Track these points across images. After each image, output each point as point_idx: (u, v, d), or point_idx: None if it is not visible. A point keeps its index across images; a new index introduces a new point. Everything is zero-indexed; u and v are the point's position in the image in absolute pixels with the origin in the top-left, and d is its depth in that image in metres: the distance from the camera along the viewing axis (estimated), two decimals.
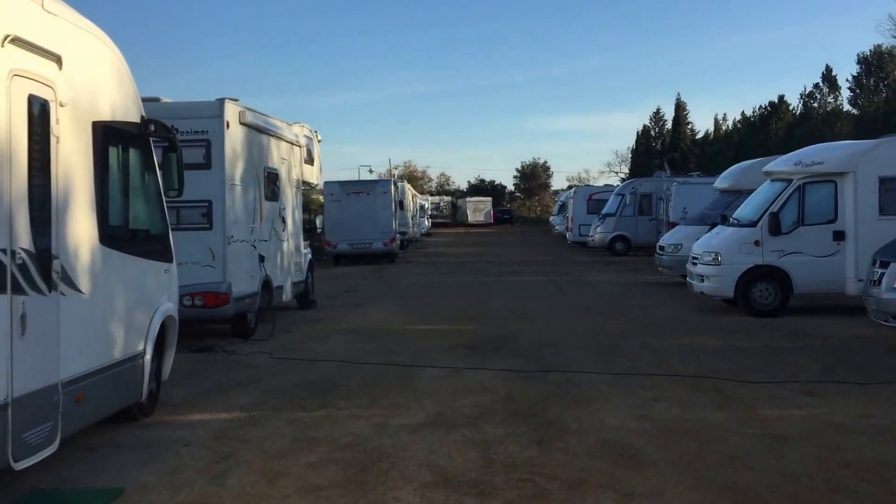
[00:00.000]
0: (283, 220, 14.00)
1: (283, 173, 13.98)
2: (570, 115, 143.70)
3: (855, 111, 41.97)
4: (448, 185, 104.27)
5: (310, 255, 16.51)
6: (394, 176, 62.75)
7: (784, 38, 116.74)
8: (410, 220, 43.19)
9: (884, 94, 41.47)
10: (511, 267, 27.83)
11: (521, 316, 14.93)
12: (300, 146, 15.33)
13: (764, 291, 14.11)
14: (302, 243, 15.60)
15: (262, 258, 12.57)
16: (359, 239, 29.76)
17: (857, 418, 7.15)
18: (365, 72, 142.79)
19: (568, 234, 40.32)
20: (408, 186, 44.55)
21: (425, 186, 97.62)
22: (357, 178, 44.42)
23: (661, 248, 20.42)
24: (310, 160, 16.11)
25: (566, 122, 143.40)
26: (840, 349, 10.74)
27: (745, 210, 15.16)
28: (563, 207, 51.29)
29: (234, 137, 11.64)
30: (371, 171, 67.61)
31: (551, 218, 60.45)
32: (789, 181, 14.26)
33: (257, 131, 12.61)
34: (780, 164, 14.97)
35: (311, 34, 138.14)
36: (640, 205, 33.12)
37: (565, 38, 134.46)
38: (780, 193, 14.16)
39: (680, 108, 73.61)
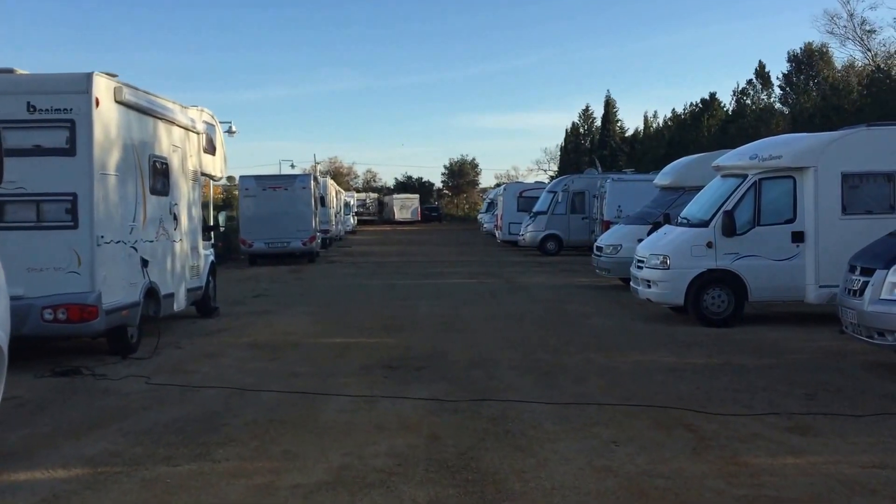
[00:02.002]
0: (176, 218, 12.08)
1: (175, 163, 12.05)
2: (499, 113, 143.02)
3: (786, 110, 41.59)
4: (375, 181, 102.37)
5: (211, 257, 14.59)
6: (317, 171, 60.64)
7: (717, 36, 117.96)
8: (333, 217, 41.24)
9: (813, 93, 41.21)
10: (439, 267, 26.23)
11: (449, 325, 13.31)
12: (198, 133, 13.39)
13: (717, 299, 12.78)
14: (201, 244, 13.66)
15: (145, 262, 10.65)
16: (276, 237, 27.88)
17: (868, 469, 5.71)
18: (291, 67, 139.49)
19: (497, 233, 38.97)
20: (330, 182, 42.52)
21: (352, 183, 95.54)
22: (278, 174, 42.20)
23: (599, 248, 19.07)
24: (211, 149, 14.18)
25: (495, 119, 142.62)
26: (813, 368, 9.40)
27: (694, 208, 13.83)
28: (491, 205, 50.09)
29: (107, 118, 9.70)
30: (293, 167, 65.25)
31: (479, 216, 59.24)
32: (744, 177, 12.96)
33: (140, 112, 10.68)
34: (732, 157, 13.66)
35: (233, 27, 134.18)
36: (573, 203, 31.92)
37: (495, 36, 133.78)
38: (735, 190, 12.85)
39: (609, 105, 73.12)
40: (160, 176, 11.43)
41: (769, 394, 8.12)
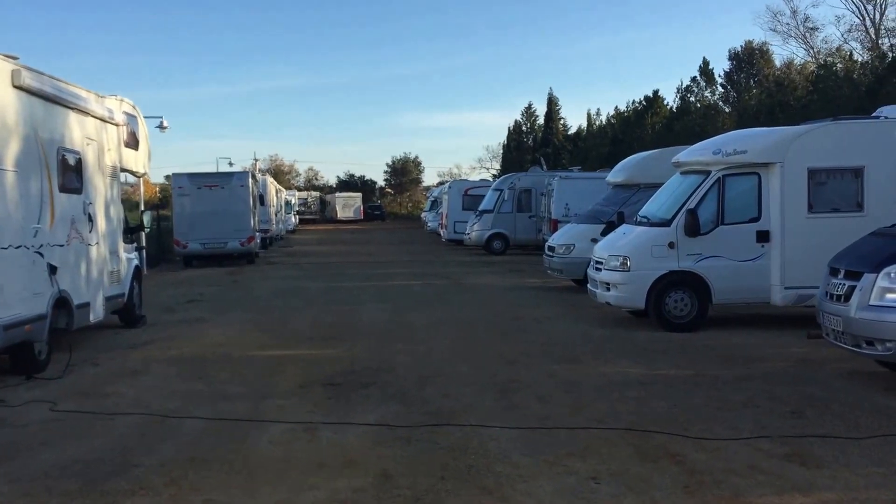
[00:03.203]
0: (91, 219, 10.88)
1: (89, 158, 10.85)
2: (441, 112, 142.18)
3: (727, 108, 41.54)
4: (317, 180, 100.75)
5: (135, 261, 13.37)
6: (257, 169, 59.06)
7: (661, 35, 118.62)
8: (273, 216, 39.90)
9: (754, 90, 41.23)
10: (383, 268, 25.23)
11: (396, 333, 12.36)
12: (118, 125, 12.18)
13: (679, 302, 12.06)
14: (122, 246, 12.45)
15: (53, 269, 9.46)
16: (212, 238, 26.59)
17: None
18: (228, 64, 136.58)
19: (442, 232, 38.06)
20: (270, 180, 41.14)
21: (293, 181, 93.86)
22: (214, 171, 40.69)
23: (551, 248, 18.28)
24: (133, 143, 12.96)
25: (438, 118, 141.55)
26: (791, 379, 8.70)
27: (654, 207, 13.10)
28: (435, 203, 49.21)
29: (2, 104, 8.48)
30: (231, 165, 63.40)
31: (423, 214, 58.31)
32: (706, 173, 12.27)
33: (45, 100, 9.48)
34: (694, 153, 12.96)
35: (166, 24, 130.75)
36: (519, 201, 31.15)
37: (437, 34, 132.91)
38: (697, 187, 12.14)
39: (552, 103, 72.76)
40: (72, 172, 10.23)
41: (752, 411, 7.36)
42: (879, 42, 37.15)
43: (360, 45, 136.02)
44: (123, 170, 12.75)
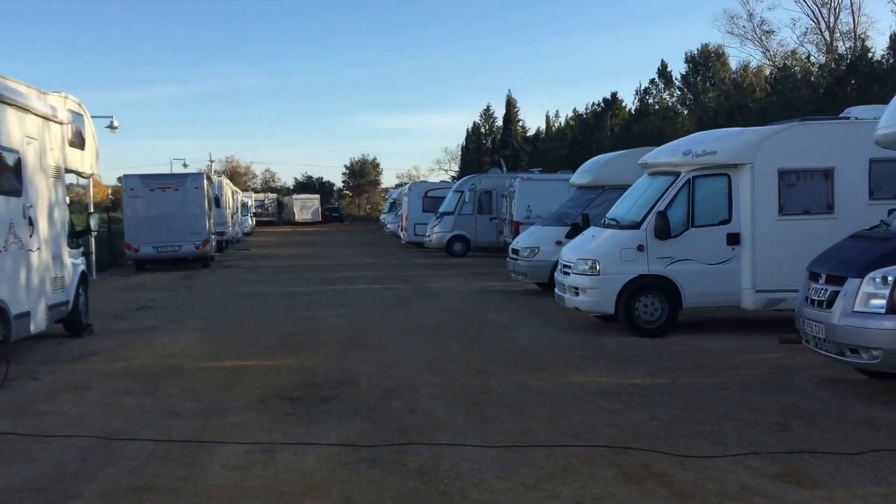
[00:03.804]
0: (32, 223, 10.22)
1: (29, 158, 10.19)
2: (399, 113, 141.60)
3: (685, 110, 41.66)
4: (274, 181, 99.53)
5: (82, 267, 12.69)
6: (212, 170, 58.03)
7: (620, 36, 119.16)
8: (230, 218, 39.09)
9: (711, 94, 41.43)
10: (342, 272, 24.67)
11: (357, 341, 11.86)
12: (62, 123, 11.51)
13: (650, 306, 11.75)
14: (67, 252, 11.78)
15: None
16: (166, 241, 25.81)
17: None
18: (182, 64, 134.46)
19: (402, 234, 37.57)
20: (226, 181, 40.28)
21: (249, 183, 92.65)
22: (167, 173, 39.73)
23: (515, 251, 17.91)
24: (79, 143, 12.29)
25: (396, 119, 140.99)
26: (770, 388, 8.39)
27: (622, 209, 12.77)
28: (394, 205, 48.74)
29: None
30: (186, 166, 62.14)
31: (382, 216, 57.77)
32: (676, 174, 11.97)
33: None
34: (663, 154, 12.67)
35: (118, 23, 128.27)
36: (480, 202, 30.78)
37: (395, 35, 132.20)
38: (667, 189, 11.84)
39: (511, 105, 72.54)
40: (10, 173, 9.57)
41: (735, 424, 7.02)
42: (834, 45, 37.52)
43: (318, 46, 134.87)
44: (69, 170, 12.09)
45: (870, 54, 25.28)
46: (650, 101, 42.80)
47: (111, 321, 14.36)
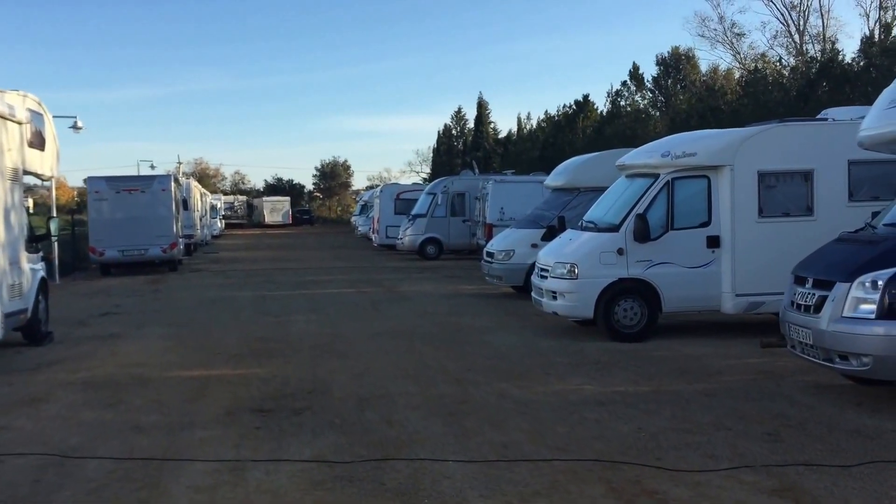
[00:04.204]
0: None
1: None
2: (371, 115, 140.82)
3: (656, 113, 41.70)
4: (244, 183, 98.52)
5: (41, 273, 12.21)
6: (180, 172, 57.23)
7: (591, 39, 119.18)
8: (198, 221, 38.45)
9: (681, 97, 41.54)
10: (313, 275, 24.26)
11: (330, 348, 11.51)
12: (20, 122, 11.04)
13: (629, 311, 11.52)
14: (24, 257, 11.30)
15: None
16: (132, 244, 25.25)
17: None
18: (153, 66, 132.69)
19: (374, 237, 37.16)
20: (194, 184, 39.61)
21: (219, 185, 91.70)
22: (134, 175, 39.02)
23: (490, 254, 17.63)
24: (39, 143, 11.82)
25: (367, 121, 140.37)
26: (756, 395, 8.17)
27: (600, 211, 12.54)
28: (365, 207, 48.31)
29: None
30: (153, 168, 61.19)
31: (353, 218, 57.31)
32: (654, 176, 11.76)
33: None
34: (641, 155, 12.45)
35: (86, 23, 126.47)
36: (453, 205, 30.46)
37: (365, 38, 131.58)
38: (646, 191, 11.62)
39: (482, 107, 72.46)
40: None
41: (724, 434, 6.78)
42: (804, 48, 37.75)
43: (289, 48, 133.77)
44: (27, 172, 11.62)
45: (840, 56, 25.40)
46: (622, 103, 42.81)
47: (73, 328, 13.88)
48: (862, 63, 23.92)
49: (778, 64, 32.79)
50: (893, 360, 6.88)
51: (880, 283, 6.93)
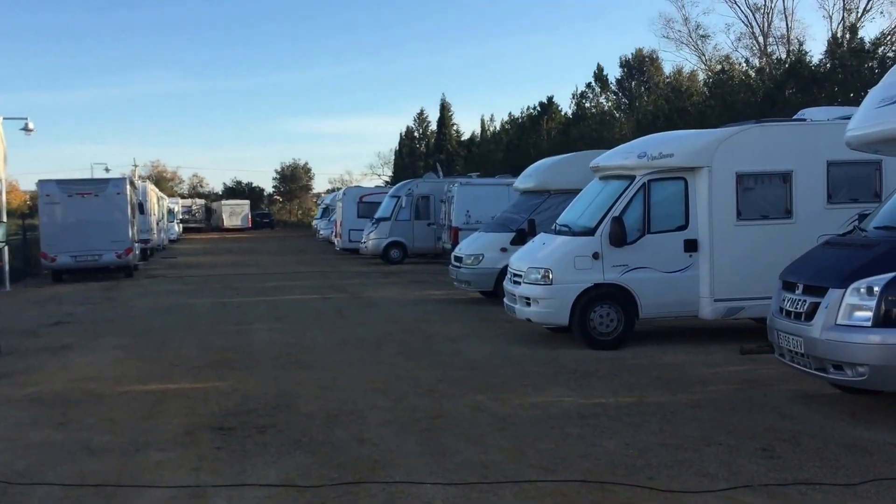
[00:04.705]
0: None
1: None
2: (331, 118, 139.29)
3: (619, 114, 41.65)
4: (202, 186, 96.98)
5: None
6: (136, 176, 56.06)
7: (555, 41, 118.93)
8: (155, 225, 37.51)
9: (645, 98, 41.55)
10: (275, 280, 23.64)
11: (294, 358, 11.01)
12: None
13: (605, 317, 11.16)
14: None
15: None
16: (85, 250, 24.40)
17: None
18: (107, 66, 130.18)
19: (336, 241, 36.55)
20: (150, 187, 38.63)
21: (176, 188, 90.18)
22: (87, 178, 37.99)
23: (458, 258, 17.21)
24: None
25: (327, 124, 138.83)
26: (743, 406, 7.84)
27: (573, 215, 12.18)
28: (327, 210, 47.66)
29: None
30: (108, 171, 59.86)
31: (315, 222, 56.58)
32: (630, 178, 11.43)
33: None
34: (616, 156, 12.12)
35: (42, 23, 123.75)
36: (418, 208, 29.97)
37: (325, 40, 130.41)
38: (622, 194, 11.28)
39: (445, 109, 71.90)
40: None
41: (716, 450, 6.43)
42: (768, 50, 37.97)
43: (248, 49, 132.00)
44: None
45: (808, 58, 25.45)
46: (587, 105, 42.70)
47: (22, 339, 13.20)
48: (829, 64, 23.96)
49: (745, 65, 32.86)
50: (891, 369, 6.57)
51: (876, 289, 6.62)
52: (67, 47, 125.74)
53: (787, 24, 40.24)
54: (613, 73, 46.09)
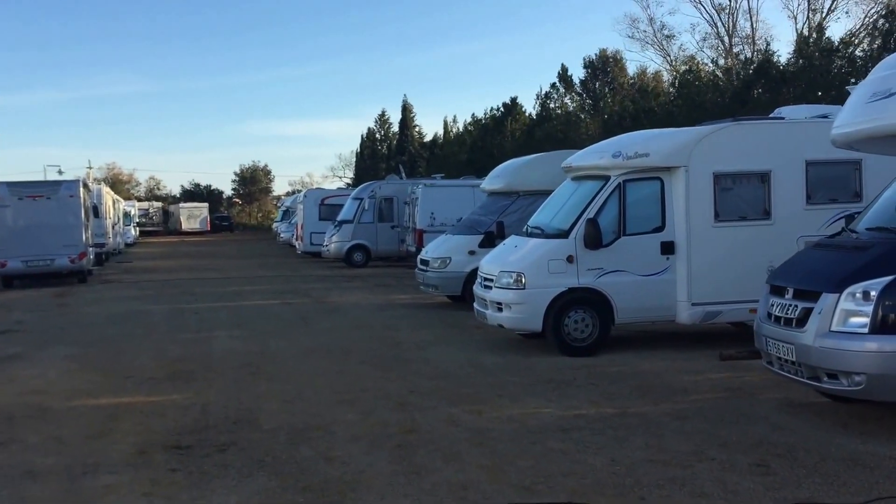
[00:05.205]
0: None
1: None
2: (292, 120, 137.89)
3: (586, 116, 41.50)
4: (159, 189, 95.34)
5: None
6: (91, 178, 54.80)
7: (519, 42, 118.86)
8: (110, 229, 36.52)
9: (609, 98, 41.46)
10: (235, 285, 22.98)
11: (257, 368, 10.47)
12: None
13: (580, 322, 10.78)
14: None
15: None
16: (37, 254, 23.61)
17: None
18: (61, 68, 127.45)
19: (297, 244, 35.88)
20: (106, 189, 37.61)
21: (133, 191, 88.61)
22: (39, 180, 36.87)
23: (424, 262, 16.75)
24: None
25: (288, 126, 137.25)
26: (731, 417, 7.48)
27: (546, 216, 11.80)
28: (287, 213, 46.93)
29: None
30: (61, 173, 58.45)
31: (275, 225, 55.76)
32: (605, 178, 11.07)
33: None
34: (590, 156, 11.75)
35: None
36: (381, 210, 29.45)
37: (286, 42, 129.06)
38: (597, 194, 10.91)
39: (407, 110, 71.48)
40: None
41: (709, 466, 6.05)
42: (733, 50, 38.06)
43: (206, 50, 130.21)
44: None
45: (774, 58, 25.44)
46: (551, 105, 42.47)
47: None
48: (799, 63, 23.92)
49: (713, 64, 32.85)
50: (889, 378, 6.25)
51: (873, 293, 6.29)
52: (22, 49, 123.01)
53: (751, 25, 40.49)
54: (577, 73, 45.99)
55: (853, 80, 20.79)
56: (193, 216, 75.56)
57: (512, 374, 9.69)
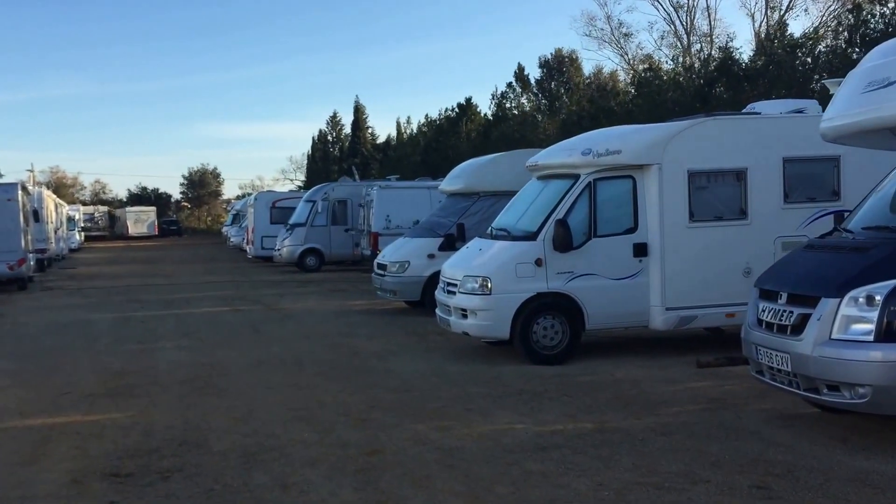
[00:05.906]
0: None
1: None
2: (241, 122, 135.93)
3: (541, 116, 41.17)
4: (105, 193, 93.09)
5: None
6: (33, 181, 53.01)
7: (475, 42, 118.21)
8: (52, 233, 35.12)
9: (564, 98, 41.21)
10: (184, 292, 22.02)
11: (205, 382, 9.73)
12: None
13: (549, 329, 10.23)
14: None
15: None
16: None
17: None
18: (3, 70, 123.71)
19: (248, 248, 34.93)
20: (47, 193, 36.19)
21: (77, 195, 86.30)
22: None
23: (382, 266, 16.08)
24: None
25: (237, 129, 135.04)
26: (721, 432, 6.98)
27: (511, 218, 11.24)
28: (237, 216, 45.87)
29: None
30: (1, 176, 56.43)
31: (225, 228, 54.57)
32: (574, 177, 10.55)
33: None
34: (558, 153, 11.22)
35: None
36: (334, 213, 28.66)
37: (234, 43, 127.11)
38: (566, 194, 10.38)
39: (359, 112, 70.59)
40: None
41: (705, 489, 5.52)
42: (692, 49, 38.00)
43: (152, 52, 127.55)
44: None
45: (737, 55, 25.32)
46: (508, 105, 42.06)
47: None
48: (761, 60, 23.76)
49: (674, 62, 32.70)
50: None
51: (878, 298, 5.82)
52: None
53: (710, 23, 40.55)
54: (533, 73, 45.65)
55: (817, 77, 20.70)
56: (141, 220, 73.99)
57: (479, 386, 9.10)
